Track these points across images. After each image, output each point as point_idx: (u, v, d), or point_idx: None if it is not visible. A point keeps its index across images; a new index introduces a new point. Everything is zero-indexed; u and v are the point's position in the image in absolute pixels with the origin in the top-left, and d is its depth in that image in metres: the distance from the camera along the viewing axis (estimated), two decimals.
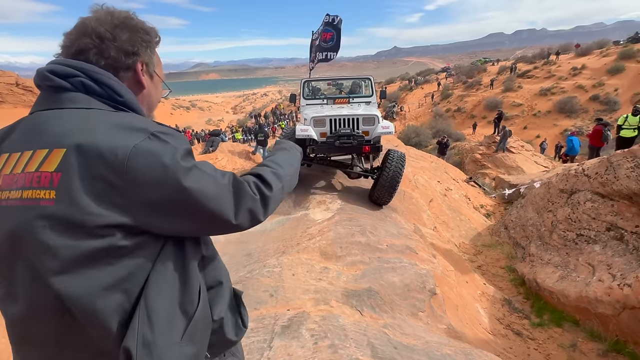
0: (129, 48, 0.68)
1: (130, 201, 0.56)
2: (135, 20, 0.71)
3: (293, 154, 0.95)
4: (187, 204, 0.60)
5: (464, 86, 37.60)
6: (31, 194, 0.55)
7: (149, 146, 0.57)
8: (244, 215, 0.68)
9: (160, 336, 0.59)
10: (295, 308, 2.26)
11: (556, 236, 4.13)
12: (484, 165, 15.31)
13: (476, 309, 3.11)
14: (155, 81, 0.78)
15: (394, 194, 4.27)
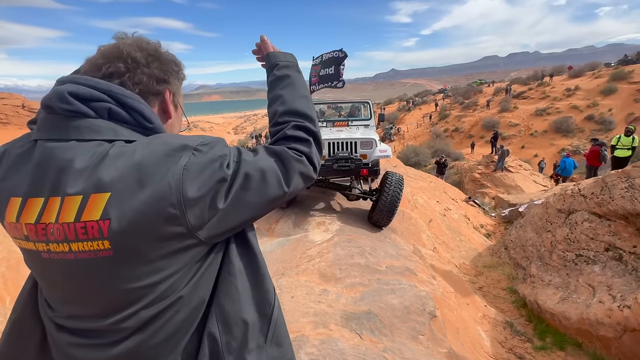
0: (161, 75, 0.65)
1: (194, 226, 0.53)
2: (165, 52, 0.69)
3: (299, 85, 0.81)
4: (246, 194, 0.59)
5: (461, 107, 38.38)
6: (83, 247, 0.50)
7: (198, 161, 0.54)
8: (296, 180, 0.65)
9: (243, 343, 0.60)
10: (294, 332, 2.24)
11: (556, 257, 4.12)
12: (484, 185, 15.39)
13: (477, 332, 3.07)
14: (179, 113, 0.74)
15: (393, 216, 4.28)
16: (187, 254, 0.56)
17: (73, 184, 0.50)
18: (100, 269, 0.52)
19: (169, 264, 0.54)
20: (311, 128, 0.73)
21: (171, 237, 0.52)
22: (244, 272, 0.64)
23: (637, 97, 26.53)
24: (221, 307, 0.61)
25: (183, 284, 0.56)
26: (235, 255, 0.64)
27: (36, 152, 0.54)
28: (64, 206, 0.50)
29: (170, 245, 0.53)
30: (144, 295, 0.53)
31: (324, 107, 6.62)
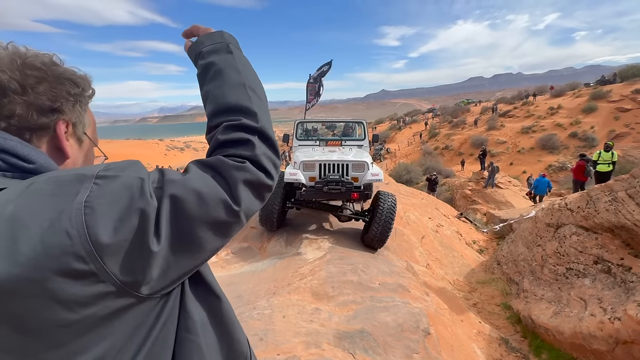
0: (48, 103, 0.49)
1: (124, 281, 0.40)
2: (60, 68, 0.52)
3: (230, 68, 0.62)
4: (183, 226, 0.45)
5: (450, 125, 39.37)
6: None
7: (103, 193, 0.40)
8: (244, 193, 0.51)
9: None
10: (285, 352, 2.19)
11: (547, 271, 4.15)
12: (475, 201, 15.56)
13: (473, 349, 3.02)
14: (86, 146, 0.57)
15: (387, 238, 4.21)
16: (121, 320, 0.41)
17: None
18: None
19: (96, 341, 0.40)
20: (250, 124, 0.56)
21: (89, 302, 0.38)
22: (207, 325, 0.53)
23: (616, 115, 27.69)
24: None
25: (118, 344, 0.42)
26: (193, 305, 0.51)
27: None
28: None
29: (90, 316, 0.38)
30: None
31: (318, 125, 6.68)
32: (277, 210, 4.25)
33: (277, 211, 4.26)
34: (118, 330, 0.41)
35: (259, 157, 0.54)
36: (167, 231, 0.43)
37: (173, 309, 0.48)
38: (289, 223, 5.02)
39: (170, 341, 0.48)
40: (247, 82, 0.60)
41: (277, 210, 4.25)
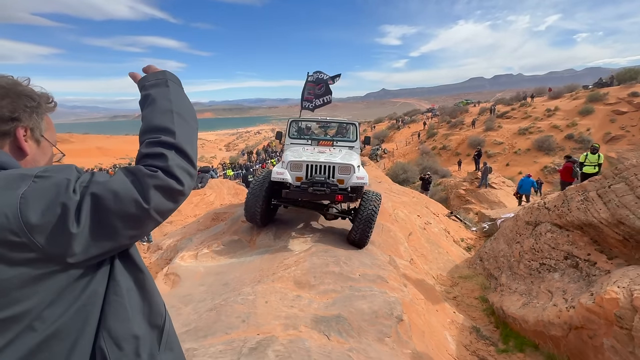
0: (8, 113, 0.66)
1: (49, 247, 0.55)
2: (20, 87, 0.69)
3: (166, 98, 0.77)
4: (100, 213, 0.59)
5: (448, 125, 39.55)
6: None
7: (45, 183, 0.57)
8: (155, 195, 0.64)
9: (135, 356, 0.66)
10: (264, 332, 2.38)
11: (522, 266, 4.36)
12: (468, 201, 15.80)
13: (444, 336, 3.23)
14: (44, 146, 0.75)
15: (369, 236, 4.28)
16: (54, 279, 0.57)
17: None
18: None
19: (32, 293, 0.55)
20: (168, 140, 0.70)
21: (23, 263, 0.54)
22: (132, 290, 0.68)
23: (612, 117, 27.90)
24: (110, 328, 0.64)
25: (59, 311, 0.58)
26: (121, 275, 0.67)
27: None
28: None
29: (25, 272, 0.54)
30: (7, 327, 0.54)
31: (313, 125, 6.77)
32: (260, 207, 4.38)
33: (261, 208, 4.39)
34: (45, 289, 0.56)
35: (172, 167, 0.67)
36: (87, 219, 0.57)
37: (102, 278, 0.64)
38: (278, 218, 5.21)
39: (99, 301, 0.63)
40: (174, 108, 0.75)
41: (260, 207, 4.38)
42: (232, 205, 6.90)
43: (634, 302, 2.07)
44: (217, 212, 6.45)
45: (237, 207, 6.49)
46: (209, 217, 6.29)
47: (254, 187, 4.53)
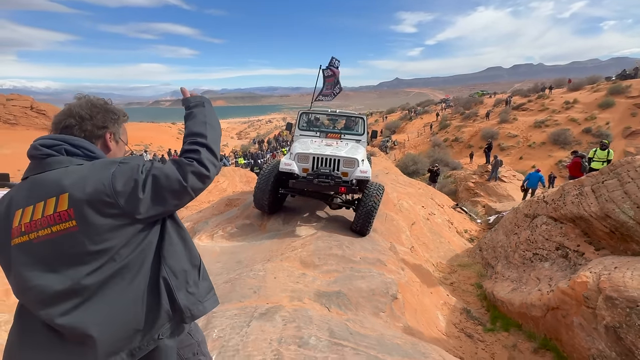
0: (101, 123, 1.02)
1: (128, 207, 0.88)
2: (108, 105, 1.05)
3: (203, 115, 1.12)
4: (158, 187, 0.91)
5: (462, 117, 38.91)
6: (62, 227, 0.85)
7: (125, 166, 0.90)
8: (191, 177, 0.95)
9: (188, 275, 1.03)
10: (273, 302, 2.74)
11: (517, 255, 4.59)
12: (477, 194, 15.82)
13: (435, 315, 3.53)
14: (120, 145, 1.11)
15: (371, 224, 4.52)
16: (127, 229, 0.89)
17: (49, 193, 0.87)
18: (72, 239, 0.85)
19: (115, 236, 0.87)
20: (201, 141, 1.03)
21: (112, 216, 0.86)
22: (179, 242, 1.03)
23: (634, 111, 26.91)
24: (168, 264, 0.98)
25: (130, 250, 0.90)
26: (171, 231, 1.02)
27: (27, 183, 0.93)
28: (46, 206, 0.86)
29: (113, 222, 0.87)
30: (102, 255, 0.86)
31: (323, 117, 6.85)
32: (268, 195, 4.68)
33: (269, 196, 4.69)
34: (121, 235, 0.88)
35: (203, 160, 1.00)
36: (149, 190, 0.90)
37: (156, 233, 0.97)
38: (287, 206, 5.54)
39: (152, 248, 0.96)
40: (207, 120, 1.11)
41: (268, 195, 4.68)
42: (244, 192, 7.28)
43: (600, 284, 2.30)
44: (231, 198, 6.84)
45: (248, 194, 6.86)
46: (222, 202, 6.69)
47: (262, 176, 4.81)
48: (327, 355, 2.05)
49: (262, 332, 2.21)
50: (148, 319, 0.95)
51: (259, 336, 2.16)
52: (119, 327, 0.91)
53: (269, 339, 2.13)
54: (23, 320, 0.92)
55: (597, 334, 2.25)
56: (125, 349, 0.92)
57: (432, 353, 2.52)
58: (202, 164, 0.99)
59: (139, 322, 0.94)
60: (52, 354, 0.89)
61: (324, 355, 2.05)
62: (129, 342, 0.93)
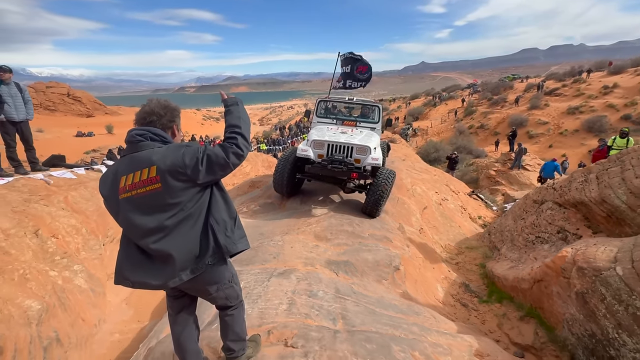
0: (171, 118, 1.50)
1: (192, 175, 1.36)
2: (173, 104, 1.53)
3: (238, 112, 1.57)
4: (210, 163, 1.38)
5: (489, 103, 37.44)
6: (152, 187, 1.33)
7: (190, 149, 1.39)
8: (232, 156, 1.42)
9: (227, 224, 1.49)
10: (289, 266, 3.23)
11: (521, 239, 4.82)
12: (498, 182, 15.60)
13: (435, 287, 3.91)
14: (180, 132, 1.60)
15: (380, 207, 4.79)
16: (192, 189, 1.38)
17: (143, 165, 1.35)
18: (158, 195, 1.33)
19: (184, 194, 1.36)
20: (237, 131, 1.48)
21: (184, 180, 1.34)
22: (221, 201, 1.49)
23: None
24: (213, 215, 1.44)
25: (192, 203, 1.39)
26: (217, 192, 1.49)
27: (127, 158, 1.40)
28: (142, 173, 1.34)
29: (183, 184, 1.35)
30: (176, 206, 1.36)
31: (340, 105, 6.96)
32: (287, 178, 5.10)
33: (287, 180, 5.11)
34: (187, 193, 1.39)
35: (239, 144, 1.45)
36: (205, 164, 1.38)
37: (207, 193, 1.46)
38: (304, 189, 5.99)
39: (206, 204, 1.45)
40: (241, 115, 1.56)
41: (287, 178, 5.10)
42: (266, 175, 7.81)
43: (575, 257, 2.57)
44: (254, 181, 7.41)
45: (270, 176, 7.37)
46: (246, 184, 7.26)
47: (281, 161, 5.23)
48: (331, 304, 2.51)
49: (280, 286, 2.71)
50: (202, 250, 1.44)
51: (277, 288, 2.66)
52: (186, 253, 1.40)
53: (285, 290, 2.62)
54: (126, 247, 1.45)
55: (570, 300, 2.55)
56: (189, 267, 1.42)
57: (425, 312, 2.93)
58: (238, 147, 1.45)
59: (197, 251, 1.43)
60: (146, 268, 1.41)
61: (328, 304, 2.51)
62: (191, 263, 1.42)
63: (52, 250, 3.25)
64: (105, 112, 46.23)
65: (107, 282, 3.42)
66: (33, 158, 5.14)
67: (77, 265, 3.23)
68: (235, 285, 1.70)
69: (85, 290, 3.03)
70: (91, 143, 28.99)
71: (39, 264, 2.96)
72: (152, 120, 1.46)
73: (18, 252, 2.95)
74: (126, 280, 1.42)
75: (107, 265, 3.67)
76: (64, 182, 4.67)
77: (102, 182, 1.44)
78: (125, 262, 1.43)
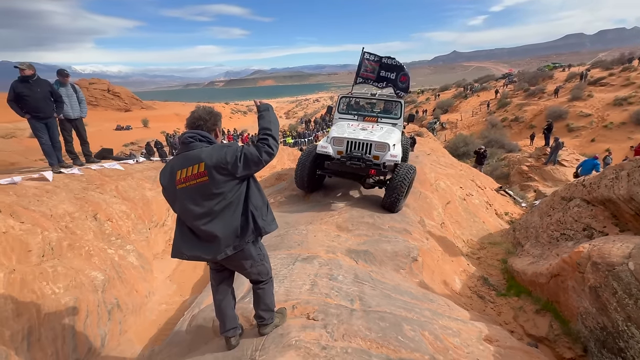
0: (214, 122, 1.81)
1: (232, 170, 1.68)
2: (216, 110, 1.84)
3: (269, 116, 1.85)
4: (247, 160, 1.68)
5: (525, 94, 35.46)
6: (201, 180, 1.65)
7: (230, 148, 1.71)
8: (264, 155, 1.70)
9: (262, 209, 1.82)
10: (312, 253, 3.50)
11: (546, 235, 4.78)
12: (530, 178, 14.97)
13: (453, 279, 4.02)
14: (220, 134, 1.89)
15: (399, 202, 4.78)
16: (232, 181, 1.69)
17: (193, 161, 1.68)
18: (206, 186, 1.66)
19: (226, 185, 1.68)
20: (269, 133, 1.76)
21: (226, 174, 1.66)
22: (256, 191, 1.81)
23: None
24: (252, 202, 1.77)
25: (233, 193, 1.71)
26: (252, 185, 1.79)
27: (182, 156, 1.73)
28: (194, 167, 1.67)
29: (225, 177, 1.67)
30: (220, 195, 1.68)
31: (362, 100, 7.09)
32: (307, 174, 5.26)
33: (307, 177, 5.28)
34: (228, 185, 1.70)
35: (270, 144, 1.75)
36: (242, 161, 1.69)
37: (244, 185, 1.77)
38: (327, 183, 6.22)
39: (244, 194, 1.77)
40: (271, 120, 1.85)
41: (307, 174, 5.26)
42: (292, 168, 8.13)
43: (590, 253, 2.61)
44: (280, 174, 7.77)
45: None
46: (273, 177, 7.63)
47: (302, 158, 5.37)
48: (350, 287, 2.76)
49: (303, 269, 2.99)
50: (242, 231, 1.75)
51: (300, 271, 2.94)
52: (229, 233, 1.72)
53: (308, 273, 2.90)
54: (181, 228, 1.79)
55: (584, 294, 2.60)
56: (231, 245, 1.73)
57: (439, 300, 3.10)
58: (269, 146, 1.75)
59: (238, 232, 1.74)
60: (198, 245, 1.74)
61: (347, 287, 2.76)
62: (233, 241, 1.74)
63: (108, 232, 3.75)
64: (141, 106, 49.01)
65: (154, 261, 3.89)
66: (87, 151, 5.78)
67: (129, 246, 3.71)
68: (266, 263, 1.99)
69: (136, 266, 3.50)
70: (129, 136, 31.00)
71: (99, 242, 3.46)
72: (199, 124, 1.77)
73: (82, 233, 3.46)
74: (182, 254, 1.75)
75: (153, 247, 4.16)
76: (114, 173, 5.24)
77: (162, 174, 1.77)
78: (181, 240, 1.77)
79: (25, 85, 4.57)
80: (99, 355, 2.50)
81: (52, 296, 2.48)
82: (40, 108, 4.66)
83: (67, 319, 2.45)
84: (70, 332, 2.42)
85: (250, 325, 2.19)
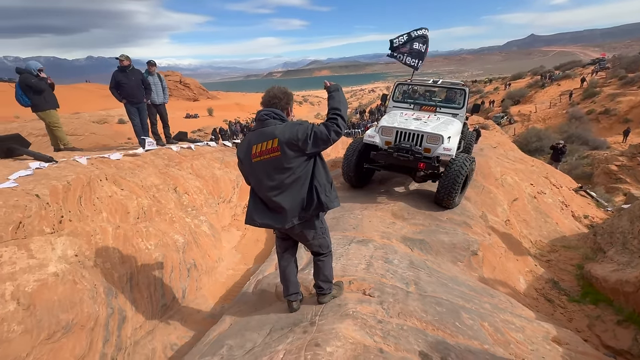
0: (287, 101, 1.94)
1: (302, 147, 1.81)
2: (289, 90, 1.96)
3: (339, 97, 1.92)
4: (316, 138, 1.80)
5: (620, 83, 30.37)
6: (274, 154, 1.82)
7: (302, 126, 1.85)
8: (333, 133, 1.81)
9: (326, 186, 1.94)
10: (367, 236, 3.57)
11: (636, 242, 4.18)
12: (620, 179, 12.98)
13: (517, 278, 3.75)
14: (293, 113, 2.00)
15: (453, 198, 4.37)
16: (301, 158, 1.84)
17: (268, 137, 1.86)
18: (278, 160, 1.83)
19: (296, 161, 1.84)
20: (338, 113, 1.84)
21: (296, 150, 1.82)
22: (322, 168, 1.93)
23: None
24: (317, 179, 1.90)
25: (301, 169, 1.86)
26: (319, 163, 1.92)
27: (258, 131, 1.90)
28: (267, 143, 1.85)
29: (296, 153, 1.82)
30: (290, 170, 1.84)
31: (421, 88, 6.31)
32: (354, 167, 4.99)
33: (354, 171, 5.00)
34: (298, 160, 1.86)
35: (339, 124, 1.85)
36: (312, 138, 1.83)
37: (312, 162, 1.92)
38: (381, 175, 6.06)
39: (311, 170, 1.91)
40: (341, 99, 1.93)
41: (354, 167, 4.99)
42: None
43: None
44: (335, 161, 7.91)
45: None
46: (328, 164, 7.80)
47: (349, 149, 5.10)
48: (405, 272, 2.77)
49: (359, 250, 3.08)
50: (307, 204, 1.89)
51: (356, 252, 3.04)
52: (295, 205, 1.87)
53: (364, 254, 2.98)
54: (254, 199, 1.99)
55: None
56: (297, 216, 1.89)
57: (500, 296, 2.95)
58: (338, 126, 1.84)
59: (303, 204, 1.89)
60: (268, 214, 1.93)
61: (402, 271, 2.78)
62: (299, 213, 1.88)
63: (186, 203, 4.26)
64: (207, 96, 53.17)
65: (222, 232, 4.34)
66: (168, 133, 6.56)
67: (202, 217, 4.18)
68: (327, 237, 2.11)
69: (208, 235, 3.94)
70: (197, 123, 33.94)
71: (178, 211, 3.96)
72: (274, 102, 1.92)
73: (165, 202, 3.99)
74: (254, 222, 1.96)
75: (221, 220, 4.61)
76: (189, 153, 5.86)
77: (240, 148, 1.98)
78: (254, 209, 1.98)
79: (123, 74, 5.34)
80: (181, 304, 2.92)
81: (145, 250, 2.95)
82: (134, 94, 5.41)
83: (157, 271, 2.90)
84: (160, 282, 2.87)
85: (310, 294, 2.35)
